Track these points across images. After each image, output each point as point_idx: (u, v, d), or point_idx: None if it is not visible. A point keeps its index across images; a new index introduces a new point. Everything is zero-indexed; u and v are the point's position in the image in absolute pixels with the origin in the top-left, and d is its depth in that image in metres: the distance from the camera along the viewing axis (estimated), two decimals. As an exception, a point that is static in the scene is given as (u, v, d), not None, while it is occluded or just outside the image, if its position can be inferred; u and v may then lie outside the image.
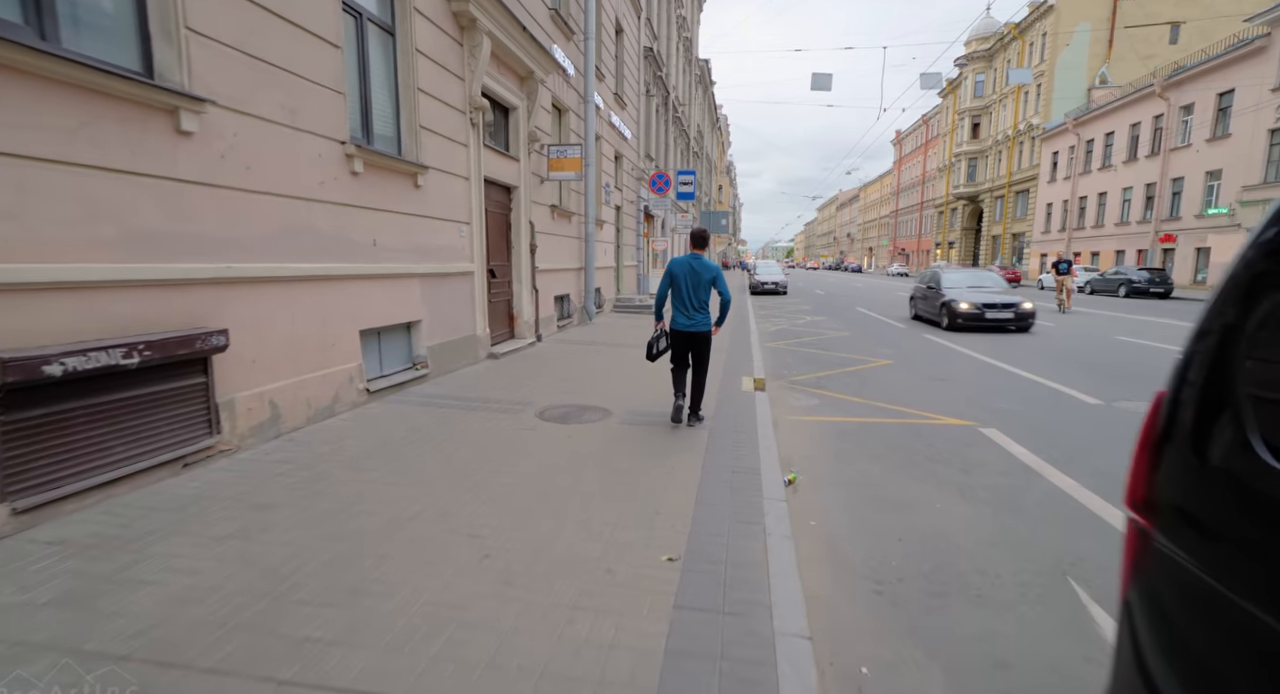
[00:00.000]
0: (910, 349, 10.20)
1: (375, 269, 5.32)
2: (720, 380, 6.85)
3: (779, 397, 6.71)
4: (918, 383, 7.48)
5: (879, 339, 11.47)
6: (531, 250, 9.03)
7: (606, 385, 6.38)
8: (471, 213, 7.15)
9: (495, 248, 8.18)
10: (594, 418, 5.11)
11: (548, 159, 9.55)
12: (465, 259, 7.05)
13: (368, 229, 5.22)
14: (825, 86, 19.17)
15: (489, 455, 4.06)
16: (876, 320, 14.90)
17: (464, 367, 7.03)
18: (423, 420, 4.83)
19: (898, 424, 5.57)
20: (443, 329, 6.57)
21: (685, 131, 28.90)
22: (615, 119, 14.46)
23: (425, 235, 6.14)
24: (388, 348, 5.81)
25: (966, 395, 6.74)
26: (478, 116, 7.10)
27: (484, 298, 7.54)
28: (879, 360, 9.09)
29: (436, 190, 6.32)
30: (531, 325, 9.19)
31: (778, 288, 24.99)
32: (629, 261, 17.38)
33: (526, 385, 6.27)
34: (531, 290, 9.15)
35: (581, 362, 7.81)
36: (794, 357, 9.45)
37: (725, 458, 4.16)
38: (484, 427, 4.72)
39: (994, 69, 47.04)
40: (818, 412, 6.10)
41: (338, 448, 4.08)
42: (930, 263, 56.63)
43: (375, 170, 5.29)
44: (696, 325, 4.84)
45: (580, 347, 9.09)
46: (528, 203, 8.94)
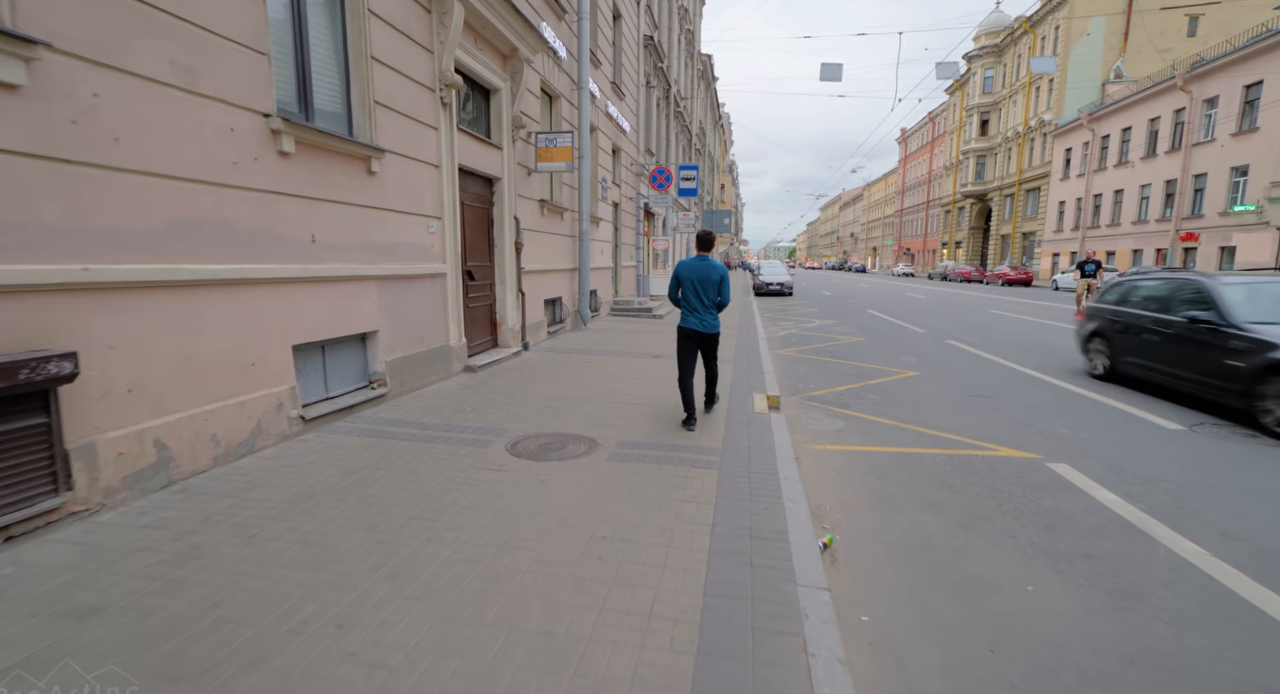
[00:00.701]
0: (936, 358, 9.25)
1: (315, 271, 4.40)
2: (729, 397, 5.92)
3: (797, 417, 5.77)
4: (954, 400, 6.53)
5: (899, 346, 10.52)
6: (517, 249, 8.11)
7: (596, 405, 5.45)
8: (443, 206, 6.23)
9: (474, 246, 7.26)
10: (577, 451, 4.19)
11: (535, 148, 8.63)
12: (435, 259, 6.13)
13: (304, 223, 4.30)
14: (835, 77, 18.23)
15: (433, 513, 3.13)
16: (892, 324, 13.95)
17: (434, 383, 6.11)
18: (363, 458, 3.90)
19: (944, 456, 4.63)
20: (407, 340, 5.65)
21: (687, 127, 27.97)
22: (613, 109, 13.55)
23: (383, 231, 5.23)
24: (335, 365, 4.89)
25: (1015, 416, 5.79)
26: (449, 95, 6.18)
27: (459, 303, 6.62)
28: (904, 371, 8.15)
29: (397, 179, 5.41)
30: (517, 333, 8.27)
31: (783, 289, 24.10)
32: (628, 261, 16.46)
33: (503, 406, 5.34)
34: (517, 294, 8.23)
35: (571, 375, 6.88)
36: (808, 367, 8.51)
37: (741, 513, 3.23)
38: (438, 467, 3.80)
39: (1003, 64, 46.03)
40: (845, 438, 5.16)
41: (238, 503, 3.15)
42: (937, 262, 55.61)
43: (314, 152, 4.38)
44: (705, 326, 4.99)
45: (571, 356, 8.16)
46: (512, 197, 8.02)
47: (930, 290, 29.57)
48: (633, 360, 7.93)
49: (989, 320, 14.78)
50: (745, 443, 4.49)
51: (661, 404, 5.59)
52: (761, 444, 4.47)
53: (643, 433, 4.67)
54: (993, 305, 19.66)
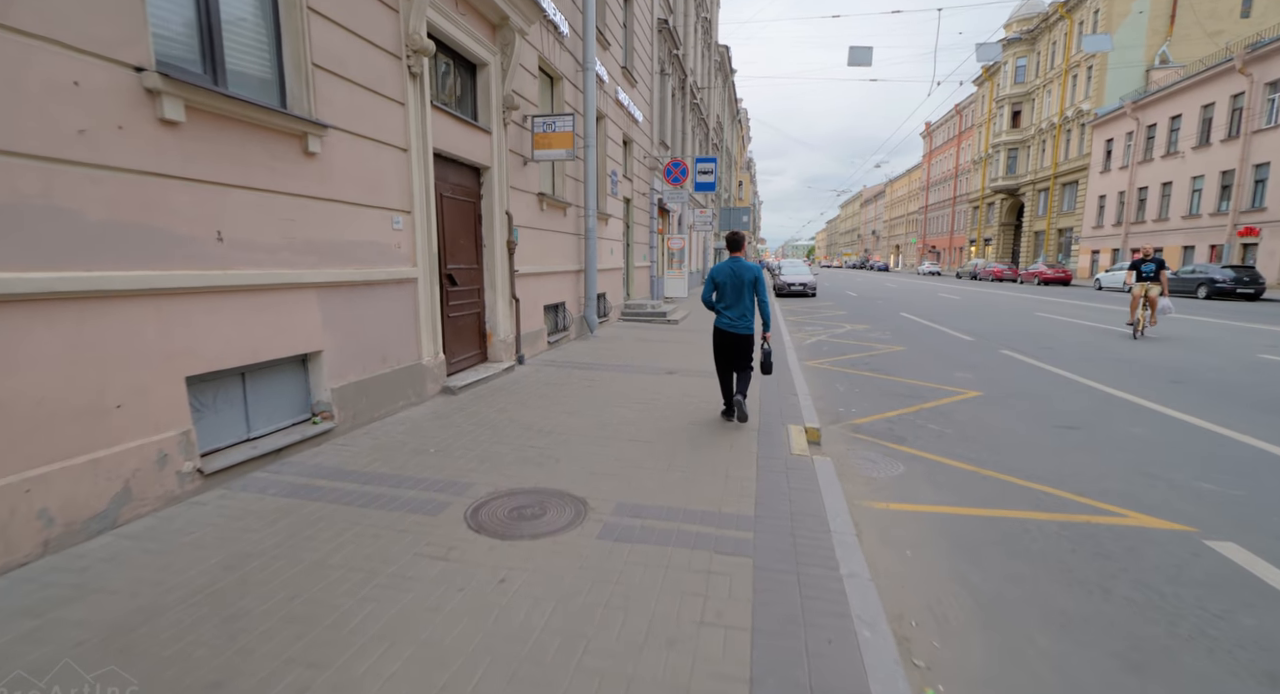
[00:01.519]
0: (995, 373, 8.00)
1: (222, 278, 3.38)
2: (759, 430, 4.80)
3: (844, 457, 4.63)
4: (1037, 431, 5.32)
5: (947, 357, 9.26)
6: (509, 249, 7.06)
7: (593, 442, 4.36)
8: (413, 198, 5.18)
9: (456, 246, 6.21)
10: (559, 521, 3.10)
11: (532, 134, 7.57)
12: (402, 261, 5.09)
13: (203, 215, 3.27)
14: (865, 61, 16.91)
15: (323, 651, 2.06)
16: (932, 330, 12.65)
17: (401, 410, 5.07)
18: (263, 538, 2.85)
19: (1055, 525, 3.45)
20: (363, 360, 4.62)
21: (704, 120, 26.77)
22: (623, 96, 12.45)
23: (326, 227, 4.19)
24: (262, 396, 3.86)
25: (1129, 461, 4.57)
26: (420, 64, 5.13)
27: (436, 313, 5.57)
28: (963, 390, 6.93)
29: (348, 163, 4.37)
30: (510, 345, 7.21)
31: (806, 289, 22.84)
32: (640, 262, 15.36)
33: (477, 444, 4.27)
34: (510, 300, 7.18)
35: (568, 397, 5.80)
36: (846, 383, 7.33)
37: (792, 650, 2.11)
38: (362, 551, 2.73)
39: (1037, 52, 44.01)
40: (912, 490, 4.00)
41: (38, 630, 2.11)
42: (964, 261, 53.65)
43: (220, 124, 3.35)
44: (738, 327, 4.97)
45: (572, 373, 7.08)
46: (504, 189, 6.96)
47: (963, 290, 28.01)
48: (642, 377, 6.83)
49: (1039, 325, 13.40)
50: (786, 506, 3.36)
51: (674, 438, 4.48)
52: (807, 508, 3.34)
53: (650, 486, 3.57)
54: (1036, 307, 18.19)
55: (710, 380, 6.67)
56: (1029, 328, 12.89)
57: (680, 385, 6.45)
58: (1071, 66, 39.30)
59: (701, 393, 6.10)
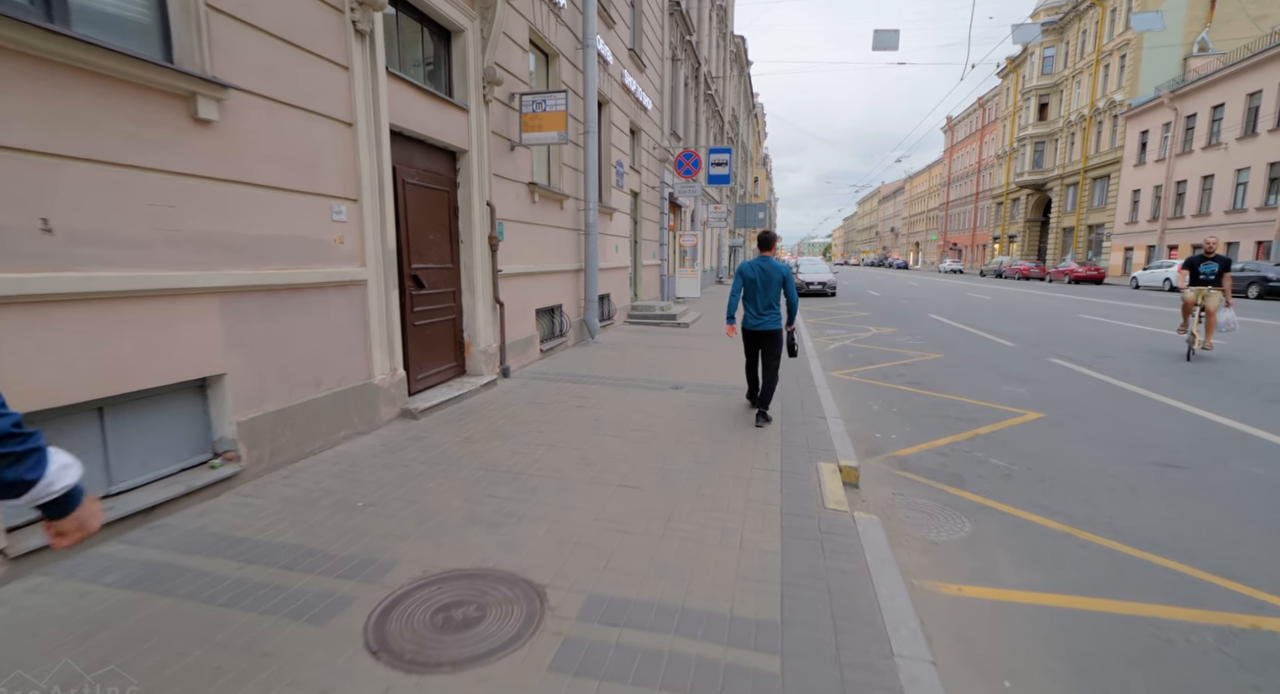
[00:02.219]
0: (1054, 388, 6.92)
1: (55, 283, 2.48)
2: (783, 472, 3.83)
3: (891, 507, 3.65)
4: (1135, 473, 4.28)
5: (992, 367, 8.19)
6: (491, 246, 6.14)
7: (571, 491, 3.41)
8: (360, 183, 4.27)
9: (423, 242, 5.30)
10: (499, 636, 2.15)
11: (520, 115, 6.64)
12: (345, 260, 4.17)
13: (15, 196, 2.38)
14: (891, 45, 15.75)
15: None
16: (967, 334, 11.53)
17: (343, 441, 4.16)
18: (41, 673, 1.93)
19: (1212, 632, 2.43)
20: (288, 383, 3.71)
21: (719, 113, 25.71)
22: (630, 81, 11.48)
23: (232, 217, 3.29)
24: (132, 437, 2.96)
25: (1271, 517, 3.53)
26: (368, 20, 4.22)
27: (392, 321, 4.66)
28: (1020, 410, 5.88)
29: (263, 136, 3.46)
30: (492, 355, 6.29)
31: (825, 289, 21.74)
32: (649, 260, 14.39)
33: (418, 496, 3.34)
34: (492, 304, 6.26)
35: (552, 422, 4.86)
36: (880, 400, 6.32)
37: None
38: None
39: (1065, 42, 42.27)
40: (989, 562, 3.01)
41: None
42: (988, 258, 51.96)
43: (49, 72, 2.45)
44: (765, 324, 4.97)
45: (563, 387, 6.15)
46: (485, 176, 6.04)
47: (991, 289, 26.68)
48: (643, 394, 5.87)
49: (1085, 328, 12.22)
50: (824, 602, 2.38)
51: (675, 482, 3.52)
52: (854, 606, 2.36)
53: (638, 565, 2.61)
54: (1075, 308, 16.92)
55: (722, 397, 5.72)
56: (1074, 331, 11.72)
57: (687, 405, 5.49)
58: (1103, 56, 37.60)
59: (711, 414, 5.14)
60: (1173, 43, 32.92)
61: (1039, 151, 45.06)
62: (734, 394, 5.94)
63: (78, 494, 1.10)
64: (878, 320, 13.98)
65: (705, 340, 9.75)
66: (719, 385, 6.33)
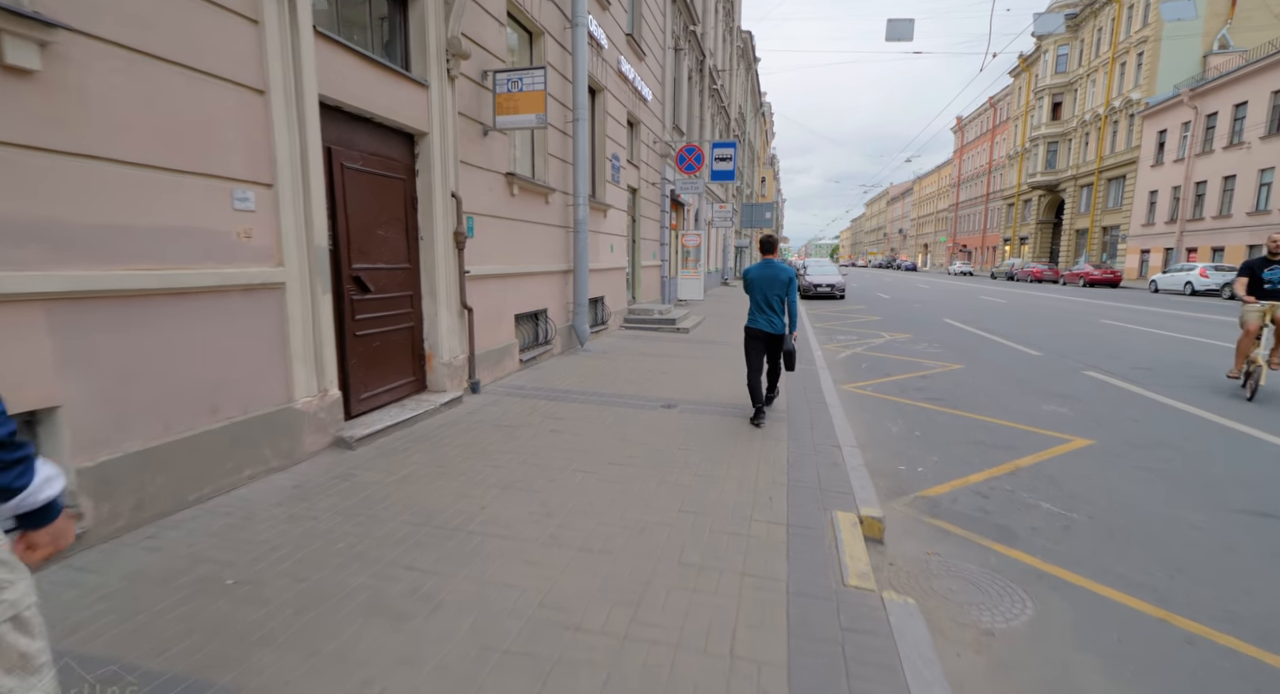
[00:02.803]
0: (1098, 406, 6.09)
1: None
2: (790, 526, 3.04)
3: (927, 574, 2.85)
4: (1224, 526, 3.46)
5: (1023, 380, 7.36)
6: (458, 244, 5.37)
7: (514, 562, 2.62)
8: (275, 164, 3.50)
9: (370, 239, 4.53)
10: None
11: (494, 95, 5.87)
12: (254, 258, 3.40)
13: None
14: (905, 35, 14.97)
15: None
16: (987, 341, 10.69)
17: (249, 481, 3.39)
18: None
19: None
20: (166, 414, 2.94)
21: (725, 109, 24.91)
22: (628, 68, 10.70)
23: (67, 198, 2.51)
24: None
25: None
26: (286, -35, 3.45)
27: (322, 332, 3.88)
28: (1066, 435, 5.07)
29: (120, 94, 2.69)
30: (459, 368, 5.52)
31: (834, 291, 20.92)
32: (649, 260, 13.61)
33: (309, 573, 2.56)
34: (459, 310, 5.49)
35: (516, 452, 4.08)
36: (900, 421, 5.51)
37: None
38: None
39: (1080, 40, 41.26)
40: (1068, 670, 2.20)
41: None
42: (998, 260, 50.94)
43: None
44: (772, 326, 5.02)
45: (538, 407, 5.37)
46: (450, 164, 5.28)
47: (1004, 292, 25.79)
48: (630, 413, 5.09)
49: (1113, 336, 11.35)
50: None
51: (652, 546, 2.73)
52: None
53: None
54: (1096, 312, 16.04)
55: (718, 418, 4.95)
56: (1102, 339, 10.86)
57: (678, 428, 4.70)
58: (1120, 53, 36.61)
59: (706, 441, 4.35)
60: (1193, 33, 31.92)
61: (1052, 152, 44.04)
62: (732, 414, 5.15)
63: (57, 507, 1.11)
64: (890, 325, 13.16)
65: (706, 348, 8.96)
66: (716, 403, 5.55)
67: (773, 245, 5.29)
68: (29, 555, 1.09)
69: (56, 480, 1.08)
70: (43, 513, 1.07)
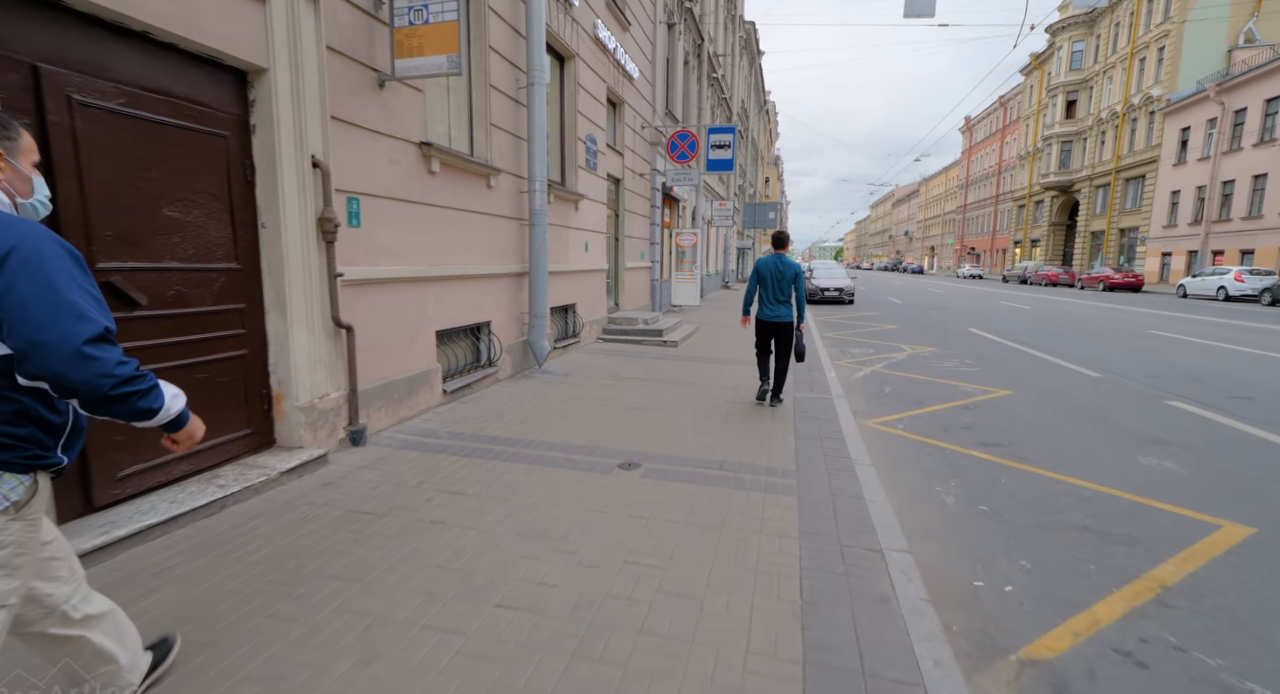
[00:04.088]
0: (1228, 463, 4.42)
1: None
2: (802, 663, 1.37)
3: None
4: None
5: (1091, 413, 5.70)
6: (324, 235, 3.74)
7: None
8: None
9: (143, 222, 2.88)
10: None
11: (391, 29, 4.25)
12: None
13: None
14: (927, 11, 13.33)
15: None
16: (1030, 358, 9.02)
17: None
18: None
19: None
20: None
21: (726, 101, 23.29)
22: (607, 36, 9.09)
23: None
24: None
25: None
26: None
27: None
28: (1213, 519, 3.41)
29: None
30: (328, 413, 3.88)
31: (842, 295, 19.37)
32: (635, 262, 11.97)
33: None
34: (330, 330, 3.86)
35: (341, 591, 2.44)
36: (956, 486, 3.85)
37: None
38: None
39: (1096, 35, 39.60)
40: None
41: None
42: (1008, 263, 49.19)
43: None
44: (779, 316, 5.34)
45: (436, 470, 3.72)
46: (311, 117, 3.65)
47: (1024, 297, 24.12)
48: (575, 481, 3.43)
49: (1170, 350, 9.67)
50: None
51: None
52: None
53: None
54: (1136, 321, 14.35)
55: (699, 487, 3.24)
56: (1163, 355, 9.19)
57: (636, 512, 3.05)
58: (1139, 48, 34.95)
59: (672, 540, 2.69)
60: (1218, 19, 30.26)
61: (1066, 151, 42.34)
62: (717, 479, 3.51)
63: (186, 414, 1.46)
64: (909, 336, 11.49)
65: (695, 368, 7.33)
66: (696, 458, 3.92)
67: (784, 240, 5.65)
68: (176, 447, 1.51)
69: (180, 397, 1.43)
70: (177, 422, 1.43)
